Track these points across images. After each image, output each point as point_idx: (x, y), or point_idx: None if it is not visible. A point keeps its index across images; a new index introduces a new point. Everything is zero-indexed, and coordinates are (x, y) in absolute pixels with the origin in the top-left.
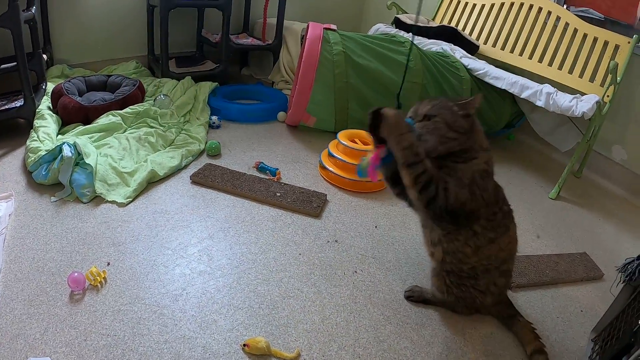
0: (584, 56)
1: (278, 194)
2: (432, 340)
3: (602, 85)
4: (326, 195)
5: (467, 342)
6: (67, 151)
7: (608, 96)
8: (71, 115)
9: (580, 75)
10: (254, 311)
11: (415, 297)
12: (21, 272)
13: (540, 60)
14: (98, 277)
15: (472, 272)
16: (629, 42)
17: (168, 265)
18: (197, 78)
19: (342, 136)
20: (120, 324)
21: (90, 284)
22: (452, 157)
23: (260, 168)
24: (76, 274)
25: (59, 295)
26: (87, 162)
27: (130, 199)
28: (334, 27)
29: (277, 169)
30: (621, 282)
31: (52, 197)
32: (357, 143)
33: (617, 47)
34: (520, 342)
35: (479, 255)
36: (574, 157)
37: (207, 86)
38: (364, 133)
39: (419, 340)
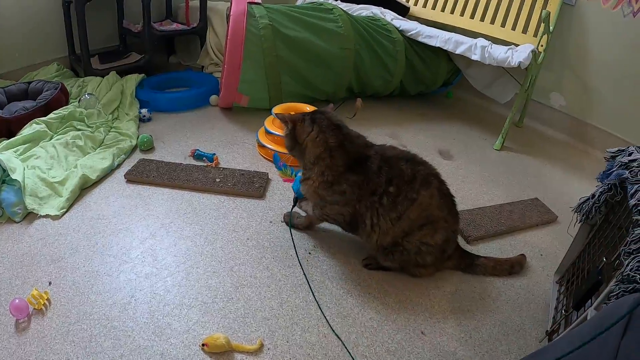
0: (515, 8)
1: (218, 180)
2: (397, 307)
3: (535, 35)
4: (267, 173)
5: (433, 302)
6: None
7: (542, 45)
8: None
9: (513, 28)
10: (208, 307)
11: (373, 264)
12: None
13: (472, 16)
14: (41, 300)
15: (395, 243)
16: None
17: (112, 273)
18: (123, 72)
19: (277, 111)
20: (72, 346)
21: (34, 309)
22: None
23: (197, 155)
24: (17, 301)
25: (3, 326)
26: (13, 177)
27: (65, 210)
28: (258, 0)
29: (214, 154)
30: (578, 222)
31: None
32: None
33: None
34: (495, 276)
35: (391, 233)
36: (514, 108)
37: (133, 79)
38: (299, 105)
39: (384, 309)
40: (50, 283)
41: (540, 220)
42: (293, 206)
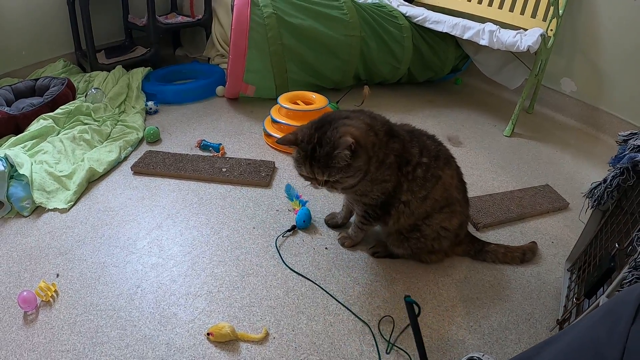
0: None
1: (224, 169)
2: (405, 295)
3: (544, 20)
4: (274, 162)
5: (442, 290)
6: None
7: (551, 30)
8: (1, 127)
9: (522, 12)
10: (214, 296)
11: (380, 252)
12: None
13: (480, 1)
14: (48, 292)
15: (414, 227)
16: None
17: (118, 264)
18: (130, 66)
19: (283, 99)
20: (79, 337)
21: (42, 300)
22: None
23: (203, 146)
24: (25, 293)
25: (12, 319)
26: (21, 172)
27: (72, 203)
28: None
29: (220, 144)
30: (589, 208)
31: None
32: (299, 104)
33: None
34: (506, 263)
35: (416, 214)
36: (524, 94)
37: (139, 72)
38: (305, 93)
39: (391, 297)
40: (57, 275)
41: (551, 207)
42: (289, 230)
